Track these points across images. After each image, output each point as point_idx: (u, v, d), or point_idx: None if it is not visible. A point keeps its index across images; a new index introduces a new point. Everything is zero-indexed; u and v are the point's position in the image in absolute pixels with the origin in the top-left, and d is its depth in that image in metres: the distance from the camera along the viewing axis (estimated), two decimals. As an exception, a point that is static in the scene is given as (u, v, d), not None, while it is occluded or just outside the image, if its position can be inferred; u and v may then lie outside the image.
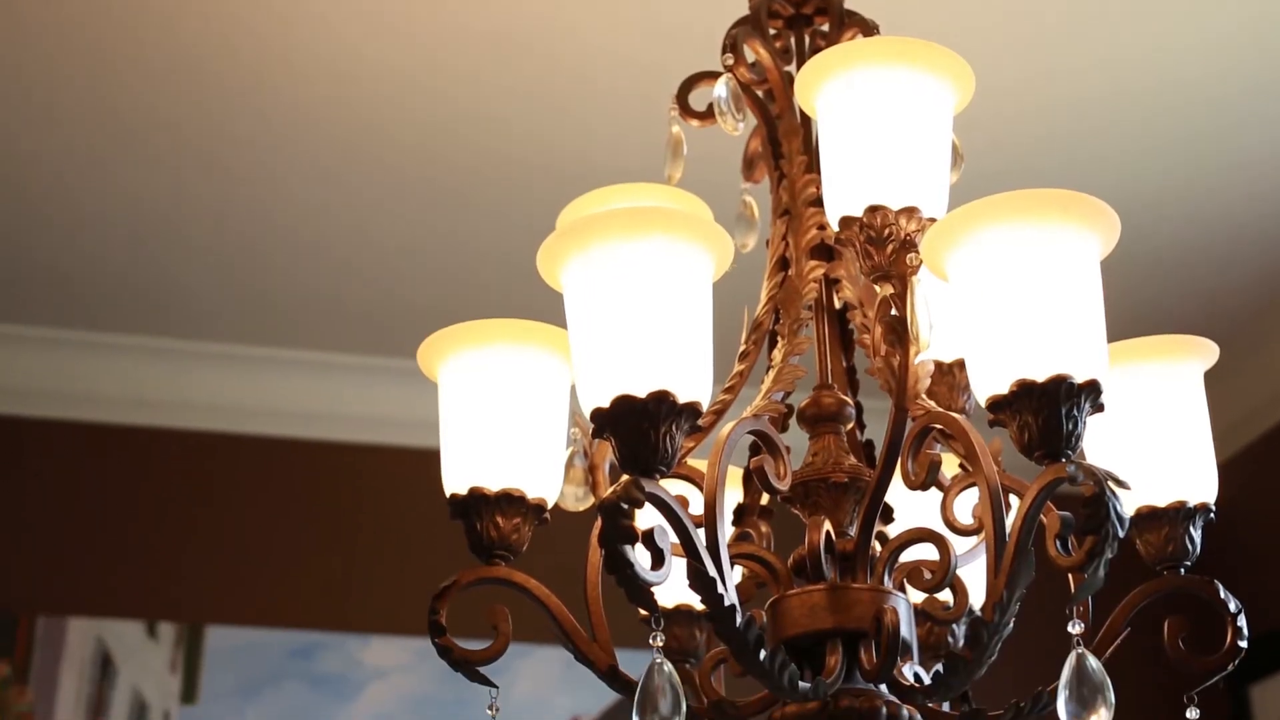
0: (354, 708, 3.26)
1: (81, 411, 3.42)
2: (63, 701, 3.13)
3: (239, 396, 3.49)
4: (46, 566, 3.28)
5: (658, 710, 1.07)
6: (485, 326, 1.38)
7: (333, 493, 3.49)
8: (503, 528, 1.32)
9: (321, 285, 3.23)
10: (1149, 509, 1.41)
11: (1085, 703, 1.08)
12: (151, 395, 3.45)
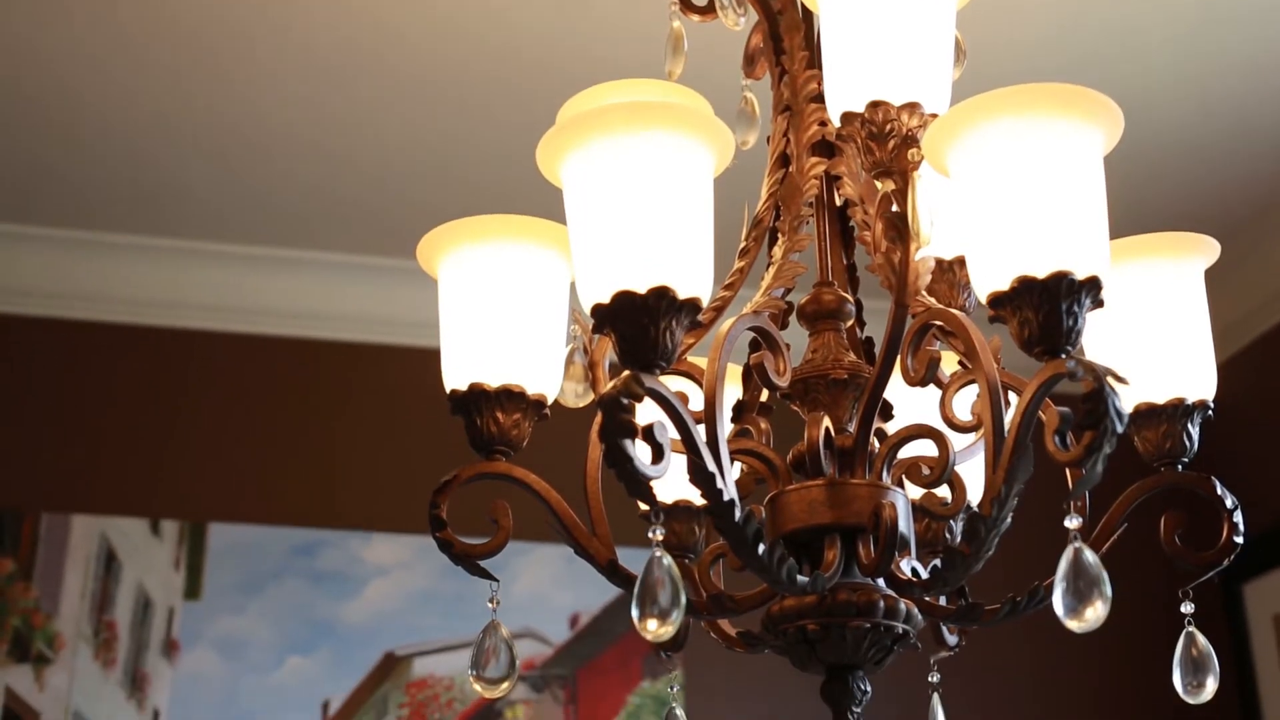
0: (355, 604, 3.29)
1: (84, 311, 3.42)
2: (67, 598, 3.16)
3: (241, 295, 3.49)
4: (49, 465, 3.30)
5: (657, 603, 1.07)
6: (484, 222, 1.38)
7: (333, 391, 3.50)
8: (503, 423, 1.32)
9: (322, 184, 3.21)
10: (1147, 406, 1.41)
11: (1081, 596, 1.09)
12: (152, 294, 3.45)
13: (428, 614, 3.31)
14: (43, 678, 3.09)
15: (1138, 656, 3.64)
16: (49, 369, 3.38)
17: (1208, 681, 1.32)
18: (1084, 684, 3.65)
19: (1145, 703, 3.63)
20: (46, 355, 3.39)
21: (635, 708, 3.34)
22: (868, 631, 1.29)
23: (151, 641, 3.19)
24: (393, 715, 3.25)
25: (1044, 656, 3.65)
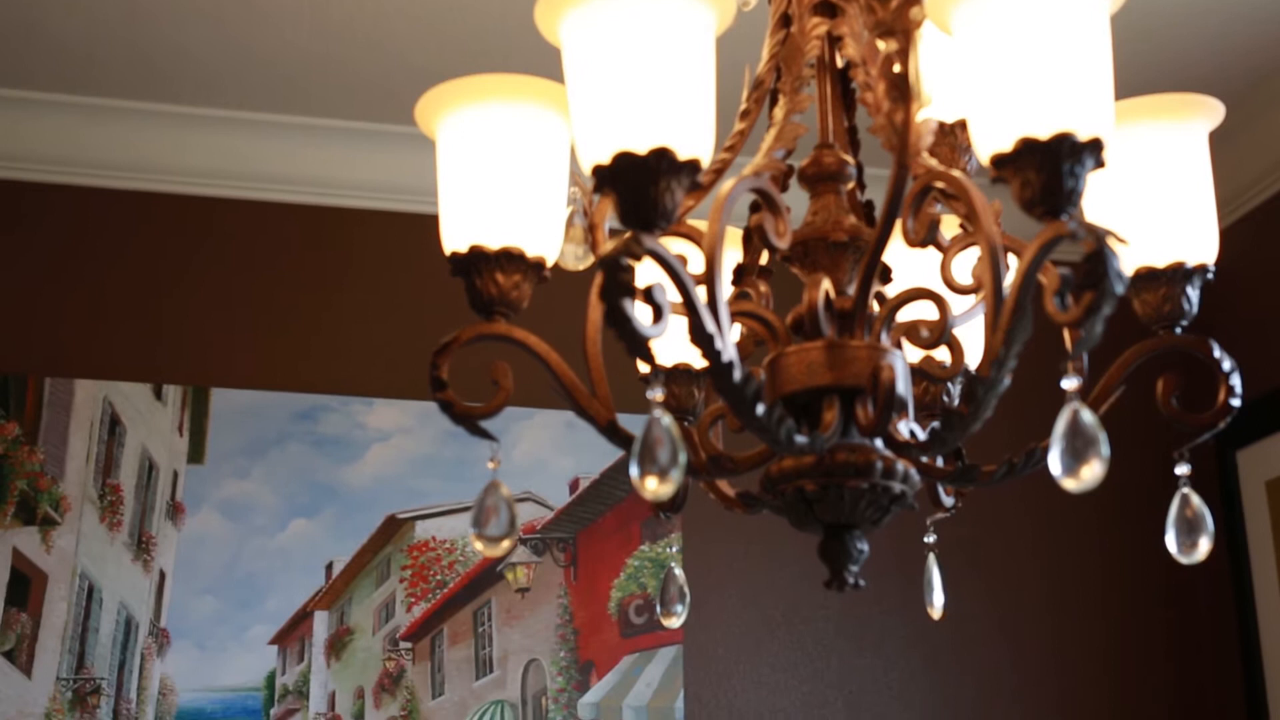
0: (357, 468, 3.32)
1: (87, 176, 3.41)
2: (72, 461, 3.19)
3: (242, 161, 3.47)
4: (52, 329, 3.30)
5: (656, 461, 1.08)
6: (483, 82, 1.36)
7: (335, 257, 3.50)
8: (502, 284, 1.32)
9: (322, 49, 3.18)
10: (1147, 269, 1.41)
11: (1078, 456, 1.09)
12: (154, 160, 3.43)
13: (429, 478, 3.34)
14: (49, 540, 3.12)
15: (1133, 519, 3.68)
16: (51, 234, 3.37)
17: (1201, 541, 1.34)
18: (1080, 547, 3.69)
19: (1139, 564, 3.67)
20: (49, 221, 3.38)
21: (634, 570, 3.38)
22: (865, 491, 1.30)
23: (156, 505, 3.22)
24: (395, 577, 3.29)
25: (1040, 518, 3.69)
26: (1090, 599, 3.66)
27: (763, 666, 3.44)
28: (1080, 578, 3.67)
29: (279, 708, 3.18)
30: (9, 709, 3.02)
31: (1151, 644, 3.66)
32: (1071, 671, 3.60)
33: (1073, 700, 3.57)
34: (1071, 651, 3.61)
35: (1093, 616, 3.65)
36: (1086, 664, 3.61)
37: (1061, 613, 3.63)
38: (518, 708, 3.27)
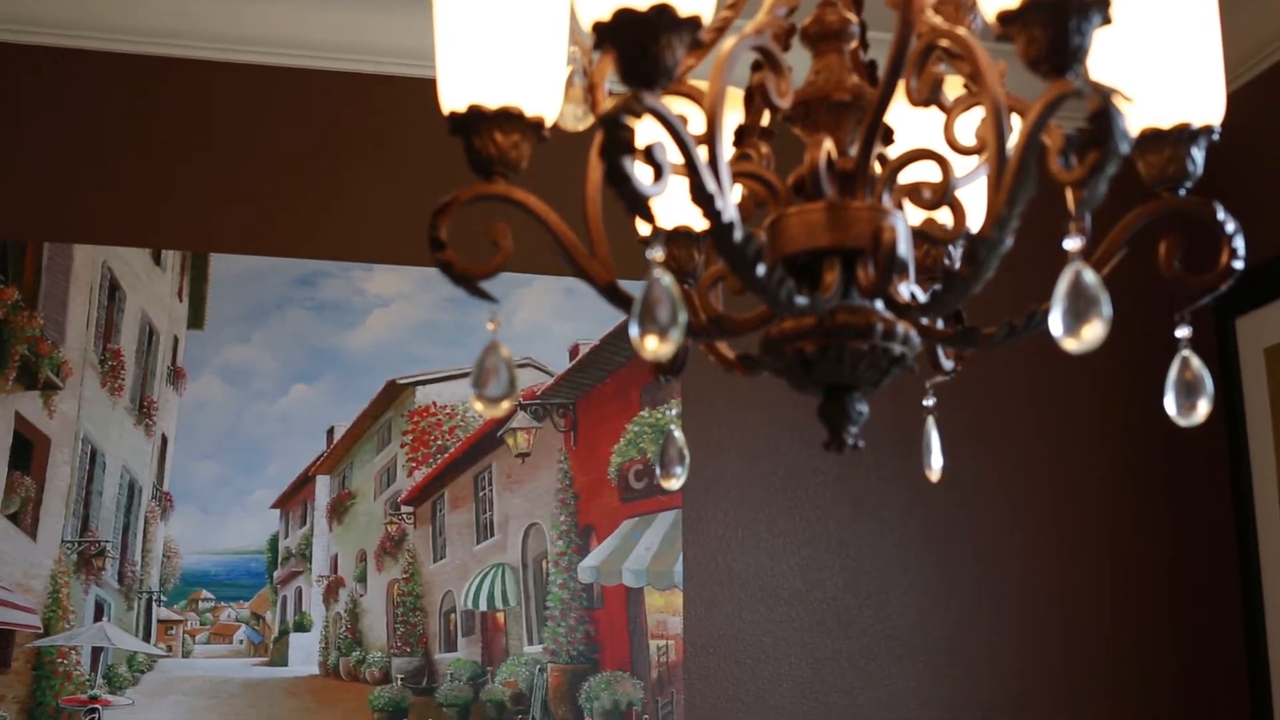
0: (357, 333, 3.32)
1: (87, 41, 3.36)
2: (73, 326, 3.19)
3: (243, 26, 3.43)
4: (52, 194, 3.28)
5: (656, 320, 1.08)
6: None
7: (335, 122, 3.47)
8: (501, 144, 1.31)
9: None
10: (1152, 130, 1.39)
11: (1079, 316, 1.09)
12: (155, 24, 3.39)
13: (429, 344, 3.34)
14: (51, 404, 3.14)
15: (1132, 383, 3.69)
16: (50, 99, 3.34)
17: (1200, 404, 1.34)
18: (1079, 412, 3.71)
19: (1138, 429, 3.69)
20: (48, 85, 3.34)
21: (634, 435, 3.40)
22: (865, 353, 1.29)
23: (157, 370, 3.23)
24: (396, 442, 3.31)
25: (1040, 384, 3.70)
26: (1089, 463, 3.68)
27: (761, 531, 3.47)
28: (1079, 443, 3.69)
29: (282, 570, 3.21)
30: (15, 571, 3.05)
31: (1150, 508, 3.69)
32: (1070, 533, 3.63)
33: (1072, 562, 3.61)
34: (1070, 514, 3.64)
35: (1092, 480, 3.67)
36: (1085, 527, 3.65)
37: (1060, 476, 3.66)
38: (518, 571, 3.30)
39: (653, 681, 3.30)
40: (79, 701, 3.04)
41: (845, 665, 3.45)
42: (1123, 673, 3.59)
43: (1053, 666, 3.55)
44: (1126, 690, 3.58)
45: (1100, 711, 3.55)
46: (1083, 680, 3.56)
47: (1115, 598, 3.62)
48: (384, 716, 3.17)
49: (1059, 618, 3.58)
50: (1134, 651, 3.60)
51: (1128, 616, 3.61)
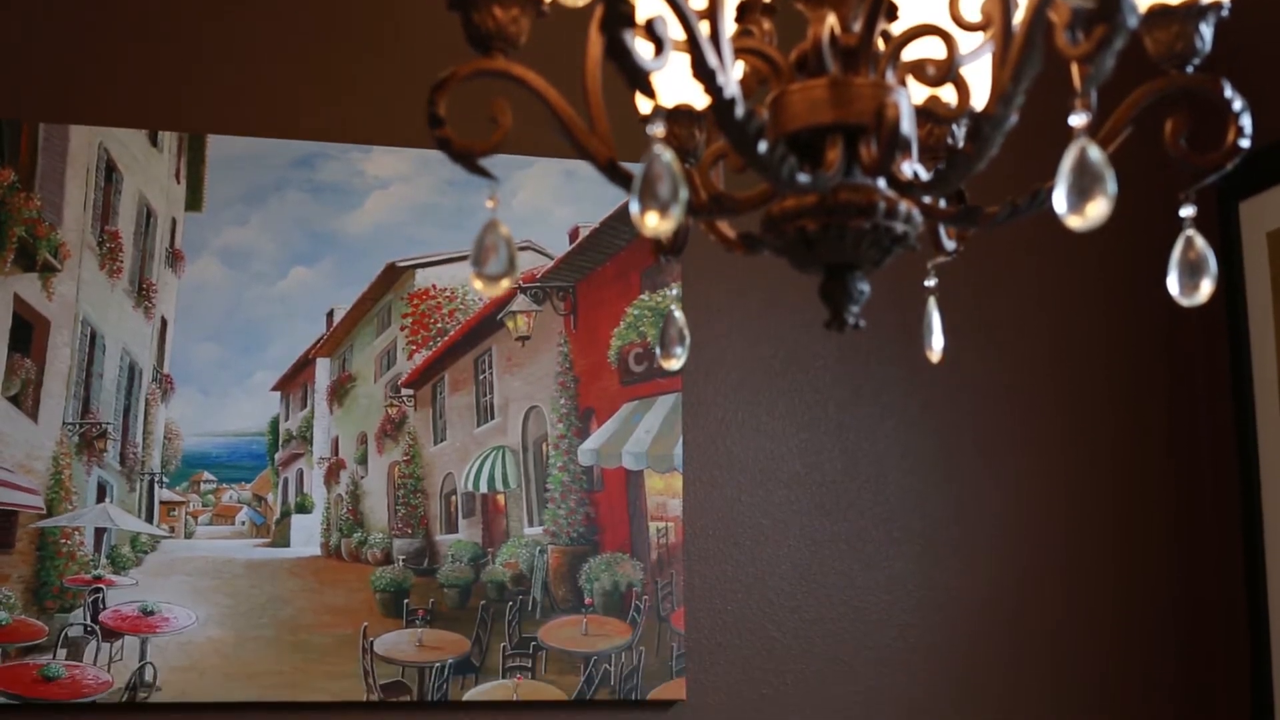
0: (356, 216, 3.31)
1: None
2: (70, 208, 3.17)
3: (226, -101, 3.38)
4: (47, 74, 3.25)
5: (657, 196, 1.07)
6: None
7: (334, 0, 3.42)
8: (500, 19, 1.29)
9: None
10: (1160, 5, 1.37)
11: (1084, 192, 1.08)
12: (135, -103, 3.33)
13: (428, 226, 3.33)
14: (50, 286, 3.13)
15: (1134, 266, 3.68)
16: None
17: (1203, 284, 1.33)
18: (1080, 294, 3.71)
19: (1140, 313, 3.69)
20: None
21: (634, 319, 3.40)
22: (867, 231, 1.29)
23: (156, 252, 3.22)
24: (396, 325, 3.31)
25: (1041, 268, 3.69)
26: (1091, 346, 3.69)
27: (761, 414, 3.48)
28: (1081, 325, 3.69)
29: (283, 452, 3.23)
30: (17, 452, 3.06)
31: (1151, 392, 3.70)
32: (1071, 415, 3.64)
33: (1072, 445, 3.63)
34: (1071, 397, 3.65)
35: (1093, 365, 3.68)
36: (1086, 409, 3.66)
37: (1061, 359, 3.66)
38: (518, 453, 3.32)
39: (652, 563, 3.33)
40: (83, 581, 3.06)
41: (843, 548, 3.47)
42: (1126, 553, 3.62)
43: (1055, 550, 3.57)
44: (1130, 570, 3.61)
45: (1102, 590, 3.58)
46: (1085, 563, 3.59)
47: (1117, 478, 3.64)
48: (386, 596, 3.20)
49: (1061, 500, 3.60)
50: (1137, 529, 3.63)
51: (1129, 494, 3.64)
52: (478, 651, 3.22)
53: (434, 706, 3.20)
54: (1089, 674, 3.55)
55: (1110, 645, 3.57)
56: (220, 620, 3.11)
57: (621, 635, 3.29)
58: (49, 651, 3.02)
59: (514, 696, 3.22)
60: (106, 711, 3.04)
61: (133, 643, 3.06)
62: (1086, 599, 3.58)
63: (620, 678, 3.27)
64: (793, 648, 3.41)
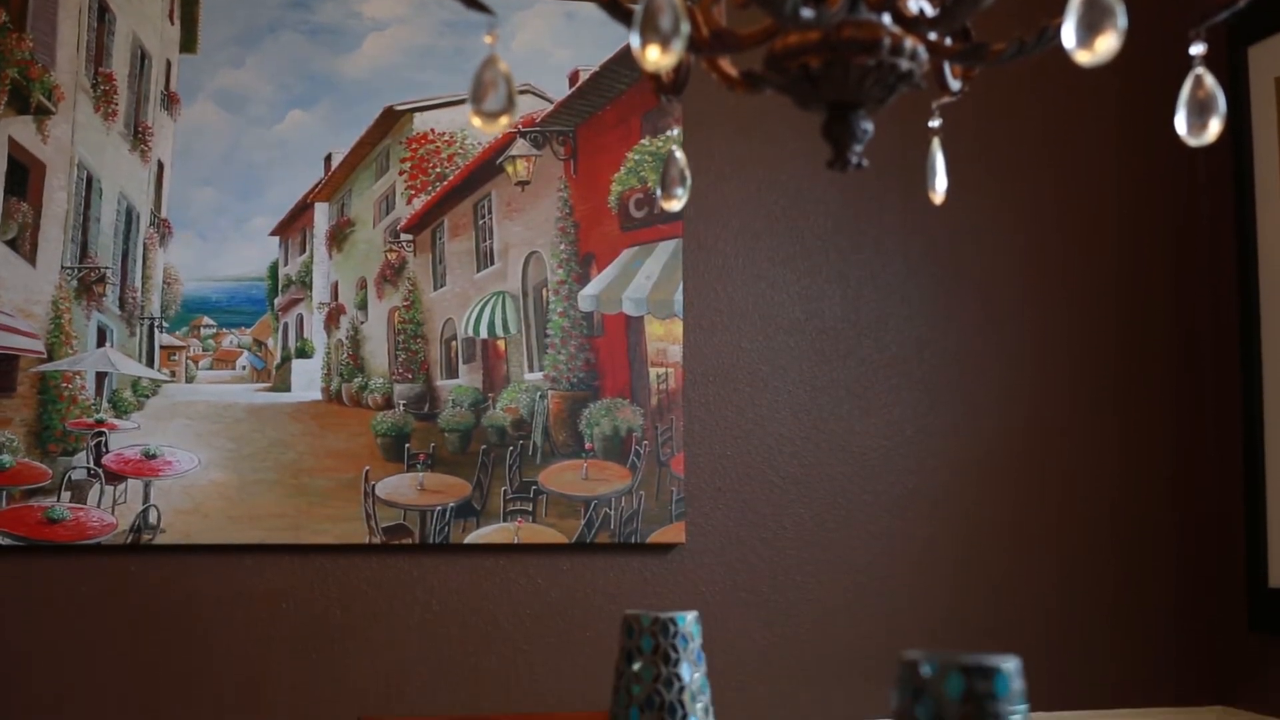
0: (353, 59, 3.26)
1: None
2: (63, 49, 3.13)
3: None
4: (30, -89, 3.19)
5: (658, 30, 1.05)
6: None
7: None
8: None
9: None
10: None
11: (1094, 26, 1.06)
12: None
13: (426, 70, 3.29)
14: (45, 129, 3.10)
15: (1142, 107, 3.65)
16: None
17: (1211, 123, 1.32)
18: (1085, 141, 3.67)
19: (1148, 154, 3.66)
20: None
21: (634, 164, 3.37)
22: (871, 68, 1.27)
23: (151, 94, 3.18)
24: (394, 169, 3.28)
25: (1048, 108, 3.65)
26: (1096, 193, 3.66)
27: (761, 260, 3.47)
28: (1087, 167, 3.67)
29: (282, 297, 3.22)
30: (16, 296, 3.06)
31: (1156, 232, 3.68)
32: (1075, 263, 3.63)
33: (1077, 291, 3.62)
34: (1075, 244, 3.63)
35: (1099, 206, 3.66)
36: (1090, 256, 3.64)
37: (1067, 202, 3.64)
38: (518, 299, 3.31)
39: (652, 408, 3.35)
40: (85, 425, 3.08)
41: (843, 394, 3.48)
42: (1128, 395, 3.63)
43: (1058, 398, 3.59)
44: (1133, 412, 3.63)
45: (1106, 432, 3.60)
46: (1087, 406, 3.61)
47: (1120, 321, 3.64)
48: (387, 441, 3.22)
49: (1063, 345, 3.60)
50: (1140, 371, 3.64)
51: (1133, 336, 3.64)
52: (478, 495, 3.25)
53: (435, 549, 3.23)
54: (1091, 514, 3.58)
55: (1112, 488, 3.60)
56: (222, 464, 3.13)
57: (621, 480, 3.32)
58: (53, 494, 3.05)
59: (515, 539, 3.26)
60: (111, 553, 3.08)
61: (136, 486, 3.09)
62: (1088, 442, 3.60)
63: (620, 522, 3.30)
64: (791, 493, 3.44)
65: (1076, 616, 3.56)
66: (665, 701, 1.76)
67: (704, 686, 1.79)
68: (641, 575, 3.33)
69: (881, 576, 3.46)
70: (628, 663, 1.78)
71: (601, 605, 3.29)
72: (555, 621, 3.29)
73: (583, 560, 3.31)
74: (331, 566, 3.19)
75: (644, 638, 1.77)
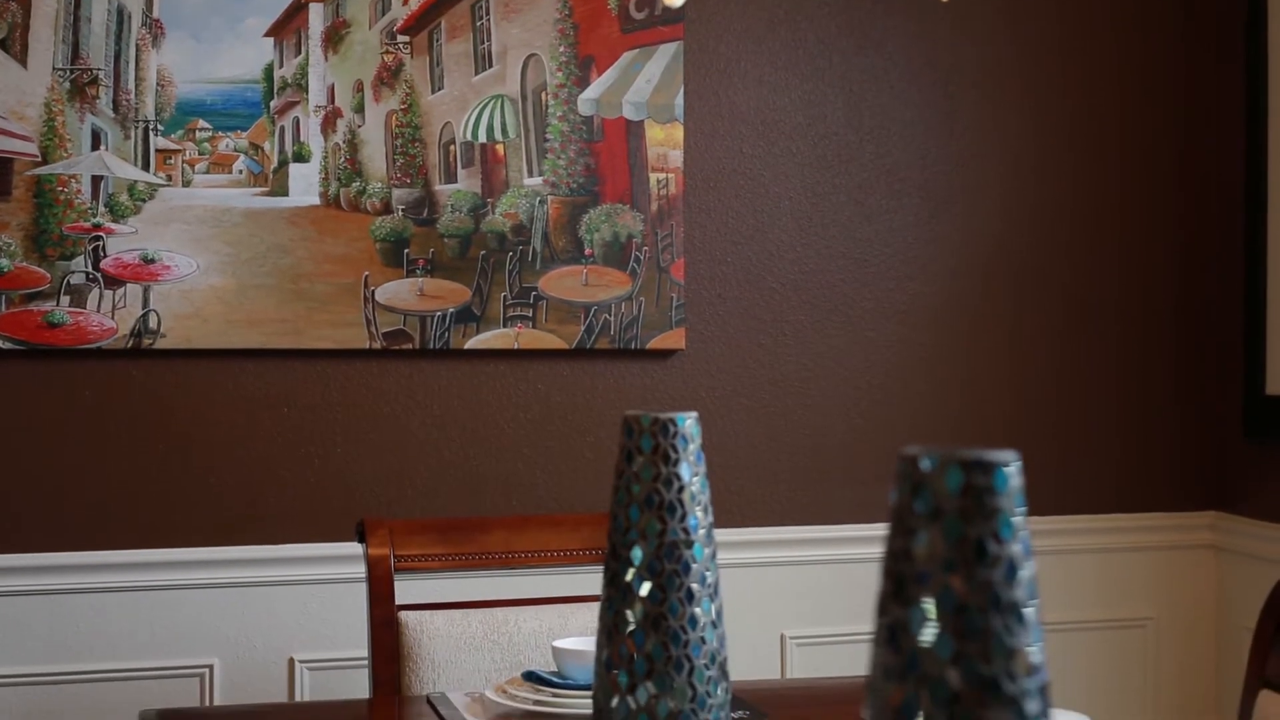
0: None
1: None
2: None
3: None
4: None
5: None
6: None
7: None
8: None
9: None
10: None
11: None
12: None
13: None
14: (30, -75, 3.02)
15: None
16: None
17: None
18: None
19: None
20: None
21: (636, -37, 3.29)
22: None
23: (138, -111, 3.10)
24: (390, -32, 3.21)
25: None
26: None
27: (763, 64, 3.42)
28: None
29: (278, 100, 3.18)
30: (8, 99, 3.02)
31: (1163, 29, 3.63)
32: (1081, 61, 3.58)
33: (1081, 90, 3.57)
34: (1081, 42, 3.58)
35: (1106, 10, 3.59)
36: (1096, 52, 3.59)
37: (1073, 3, 3.57)
38: (517, 103, 3.27)
39: (652, 214, 3.32)
40: (82, 229, 3.06)
41: (844, 199, 3.46)
42: (1131, 197, 3.60)
43: (1060, 203, 3.56)
44: (1134, 215, 3.61)
45: (1107, 237, 3.59)
46: (1089, 212, 3.58)
47: (1124, 123, 3.60)
48: (386, 246, 3.20)
49: (1066, 150, 3.57)
50: (1143, 170, 3.61)
51: (1136, 136, 3.60)
52: (478, 301, 3.25)
53: (436, 354, 3.24)
54: (1091, 321, 3.58)
55: (1113, 295, 3.59)
56: (221, 268, 3.12)
57: (621, 286, 3.31)
58: (52, 299, 3.04)
59: (515, 345, 3.26)
60: (112, 358, 3.09)
61: (135, 290, 3.08)
62: (1090, 248, 3.58)
63: (620, 327, 3.30)
64: (791, 299, 3.43)
65: (1075, 423, 3.58)
66: (665, 501, 1.77)
67: (703, 487, 1.80)
68: (641, 381, 3.34)
69: (881, 382, 3.48)
70: (627, 462, 1.79)
71: (601, 411, 3.31)
72: (555, 427, 3.31)
73: (583, 366, 3.32)
74: (332, 371, 3.20)
75: (644, 438, 1.78)
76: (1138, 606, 3.62)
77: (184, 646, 3.12)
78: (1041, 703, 1.05)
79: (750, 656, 3.30)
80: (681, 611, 1.76)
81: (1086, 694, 3.49)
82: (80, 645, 3.07)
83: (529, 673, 2.28)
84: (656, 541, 1.77)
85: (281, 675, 3.16)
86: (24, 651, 3.05)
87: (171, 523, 3.12)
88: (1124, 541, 3.60)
